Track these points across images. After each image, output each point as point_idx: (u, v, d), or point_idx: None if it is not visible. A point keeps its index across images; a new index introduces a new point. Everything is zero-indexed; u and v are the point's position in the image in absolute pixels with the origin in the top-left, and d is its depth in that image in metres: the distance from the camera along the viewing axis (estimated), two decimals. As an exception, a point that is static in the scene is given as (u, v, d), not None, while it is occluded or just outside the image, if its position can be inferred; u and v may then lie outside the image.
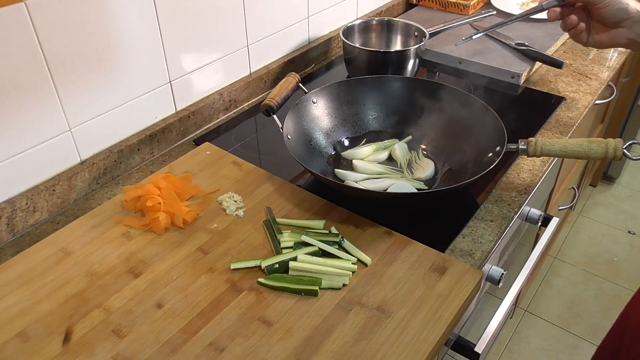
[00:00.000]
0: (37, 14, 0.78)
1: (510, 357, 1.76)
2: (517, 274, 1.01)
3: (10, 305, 0.72)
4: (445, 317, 0.70)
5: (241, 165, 0.97)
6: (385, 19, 1.33)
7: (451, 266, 0.77)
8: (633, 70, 1.91)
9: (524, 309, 1.91)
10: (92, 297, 0.73)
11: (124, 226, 0.84)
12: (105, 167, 0.96)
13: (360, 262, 0.78)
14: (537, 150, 0.87)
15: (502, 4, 1.57)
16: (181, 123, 1.07)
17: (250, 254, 0.80)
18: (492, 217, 0.89)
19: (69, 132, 0.90)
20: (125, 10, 0.90)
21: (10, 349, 0.67)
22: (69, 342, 0.67)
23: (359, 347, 0.67)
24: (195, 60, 1.07)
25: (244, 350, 0.66)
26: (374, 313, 0.71)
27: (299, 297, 0.73)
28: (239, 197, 0.89)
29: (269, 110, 0.94)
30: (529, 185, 0.96)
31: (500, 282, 0.94)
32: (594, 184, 2.44)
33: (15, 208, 0.84)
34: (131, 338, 0.68)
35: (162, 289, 0.74)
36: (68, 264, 0.78)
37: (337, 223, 0.85)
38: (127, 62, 0.94)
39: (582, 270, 2.05)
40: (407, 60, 1.19)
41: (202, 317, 0.70)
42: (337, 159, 1.00)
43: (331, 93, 1.02)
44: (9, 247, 0.84)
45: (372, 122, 1.06)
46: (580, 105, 1.18)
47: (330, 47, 1.41)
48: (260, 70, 1.24)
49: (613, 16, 0.81)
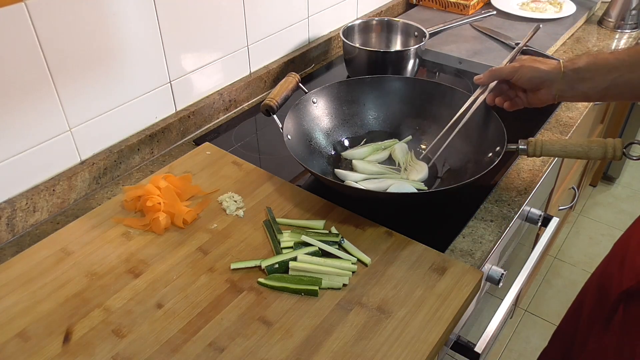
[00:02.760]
0: (37, 14, 0.78)
1: (510, 357, 1.76)
2: (517, 274, 1.01)
3: (10, 305, 0.72)
4: (445, 317, 0.70)
5: (241, 165, 0.97)
6: (385, 19, 1.33)
7: (451, 266, 0.77)
8: (633, 70, 1.91)
9: (524, 309, 1.91)
10: (92, 297, 0.73)
11: (124, 226, 0.84)
12: (105, 167, 0.96)
13: (360, 262, 0.78)
14: (537, 150, 0.87)
15: (502, 4, 1.57)
16: (181, 123, 1.07)
17: (250, 254, 0.80)
18: (492, 217, 0.89)
19: (69, 132, 0.90)
20: (125, 10, 0.90)
21: (10, 349, 0.67)
22: (69, 342, 0.67)
23: (359, 347, 0.67)
24: (195, 60, 1.07)
25: (244, 350, 0.66)
26: (374, 313, 0.71)
27: (299, 297, 0.73)
28: (239, 197, 0.89)
29: (269, 110, 0.94)
30: (529, 185, 0.96)
31: (500, 282, 0.94)
32: (594, 184, 2.44)
33: (15, 208, 0.84)
34: (131, 338, 0.68)
35: (162, 289, 0.74)
36: (68, 264, 0.78)
37: (337, 223, 0.85)
38: (127, 62, 0.94)
39: (582, 270, 2.05)
40: (407, 60, 1.19)
41: (202, 317, 0.70)
42: (337, 159, 1.00)
43: (331, 93, 1.02)
44: (9, 247, 0.84)
45: (372, 122, 1.06)
46: (580, 105, 1.18)
47: (330, 47, 1.41)
48: (260, 70, 1.24)
49: (529, 83, 0.86)
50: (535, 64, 0.85)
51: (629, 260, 0.85)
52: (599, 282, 0.94)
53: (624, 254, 0.88)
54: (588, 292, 0.98)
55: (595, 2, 1.61)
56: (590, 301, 0.95)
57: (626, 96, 0.84)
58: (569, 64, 0.83)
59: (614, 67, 0.79)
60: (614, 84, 0.80)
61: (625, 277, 0.84)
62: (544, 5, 1.56)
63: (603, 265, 0.96)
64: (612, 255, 0.93)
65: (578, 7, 1.55)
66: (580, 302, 1.00)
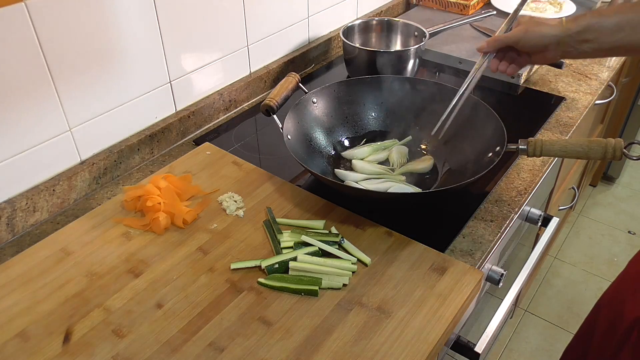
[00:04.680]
0: (37, 14, 0.78)
1: (510, 357, 1.76)
2: (517, 274, 1.01)
3: (10, 305, 0.72)
4: (445, 317, 0.70)
5: (241, 165, 0.97)
6: (385, 19, 1.33)
7: (451, 266, 0.77)
8: (633, 71, 1.91)
9: (524, 309, 1.91)
10: (92, 297, 0.73)
11: (124, 226, 0.84)
12: (105, 167, 0.96)
13: (360, 262, 0.78)
14: (537, 150, 0.87)
15: (502, 4, 1.57)
16: (181, 123, 1.07)
17: (250, 254, 0.80)
18: (492, 217, 0.89)
19: (69, 132, 0.90)
20: (125, 10, 0.90)
21: (10, 349, 0.67)
22: (69, 342, 0.67)
23: (359, 347, 0.67)
24: (195, 60, 1.07)
25: (244, 350, 0.66)
26: (374, 313, 0.71)
27: (299, 297, 0.73)
28: (239, 197, 0.89)
29: (269, 110, 0.94)
30: (529, 185, 0.96)
31: (500, 282, 0.94)
32: (594, 184, 2.44)
33: (15, 208, 0.84)
34: (131, 338, 0.68)
35: (162, 289, 0.74)
36: (68, 264, 0.78)
37: (337, 223, 0.85)
38: (127, 62, 0.94)
39: (582, 270, 2.05)
40: (407, 60, 1.19)
41: (202, 317, 0.70)
42: (337, 159, 1.00)
43: (331, 93, 1.02)
44: (9, 247, 0.84)
45: (372, 122, 1.06)
46: (580, 105, 1.18)
47: (330, 47, 1.41)
48: (260, 70, 1.24)
49: (535, 48, 0.84)
50: (539, 27, 0.82)
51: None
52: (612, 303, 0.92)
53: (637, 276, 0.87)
54: (600, 314, 0.97)
55: (595, 2, 1.61)
56: (602, 324, 0.94)
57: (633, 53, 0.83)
58: (573, 25, 0.80)
59: (618, 28, 0.77)
60: (618, 44, 0.78)
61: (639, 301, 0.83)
62: (544, 6, 1.56)
63: (615, 287, 0.95)
64: (626, 278, 0.92)
65: (578, 7, 1.55)
66: (591, 324, 0.99)
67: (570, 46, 0.81)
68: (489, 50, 0.88)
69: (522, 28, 0.83)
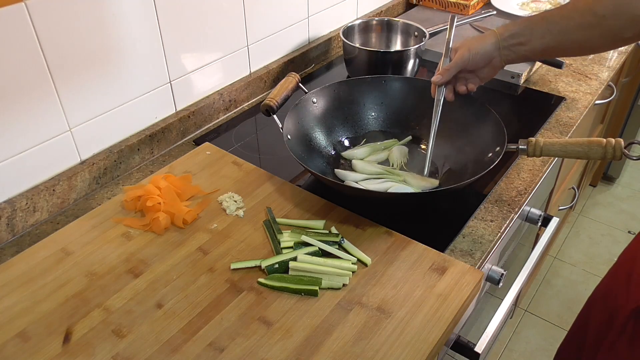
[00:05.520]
0: (37, 14, 0.78)
1: (510, 357, 1.76)
2: (517, 274, 1.01)
3: (10, 305, 0.72)
4: (445, 317, 0.70)
5: (241, 165, 0.97)
6: (385, 19, 1.33)
7: (451, 266, 0.77)
8: (633, 70, 1.91)
9: (524, 309, 1.91)
10: (92, 297, 0.73)
11: (124, 226, 0.84)
12: (105, 167, 0.96)
13: (360, 262, 0.78)
14: (537, 150, 0.87)
15: (502, 4, 1.57)
16: (181, 123, 1.07)
17: (250, 254, 0.80)
18: (492, 217, 0.89)
19: (69, 132, 0.90)
20: (125, 10, 0.90)
21: (10, 349, 0.67)
22: (69, 342, 0.67)
23: (359, 347, 0.67)
24: (195, 60, 1.07)
25: (244, 350, 0.66)
26: (374, 313, 0.71)
27: (299, 297, 0.73)
28: (239, 197, 0.89)
29: (269, 110, 0.94)
30: (529, 185, 0.96)
31: (500, 282, 0.94)
32: (594, 184, 2.44)
33: (15, 208, 0.84)
34: (131, 338, 0.68)
35: (162, 289, 0.74)
36: (68, 264, 0.78)
37: (337, 223, 0.85)
38: (127, 62, 0.94)
39: (582, 270, 2.05)
40: (407, 60, 1.19)
41: (202, 317, 0.70)
42: (337, 159, 1.00)
43: (331, 93, 1.02)
44: (9, 247, 0.84)
45: (372, 122, 1.06)
46: (580, 105, 1.18)
47: (330, 47, 1.41)
48: (260, 70, 1.24)
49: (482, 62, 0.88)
50: (478, 42, 0.87)
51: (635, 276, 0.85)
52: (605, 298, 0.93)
53: (629, 270, 0.87)
54: (593, 308, 0.97)
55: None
56: (596, 318, 0.95)
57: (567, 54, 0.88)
58: (504, 31, 0.85)
59: (547, 31, 0.82)
60: (549, 46, 0.83)
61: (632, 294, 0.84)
62: (544, 5, 1.56)
63: (608, 280, 0.95)
64: (618, 271, 0.93)
65: (578, 7, 1.55)
66: (585, 317, 0.99)
67: (509, 49, 0.86)
68: (446, 80, 0.91)
69: (464, 49, 0.88)
